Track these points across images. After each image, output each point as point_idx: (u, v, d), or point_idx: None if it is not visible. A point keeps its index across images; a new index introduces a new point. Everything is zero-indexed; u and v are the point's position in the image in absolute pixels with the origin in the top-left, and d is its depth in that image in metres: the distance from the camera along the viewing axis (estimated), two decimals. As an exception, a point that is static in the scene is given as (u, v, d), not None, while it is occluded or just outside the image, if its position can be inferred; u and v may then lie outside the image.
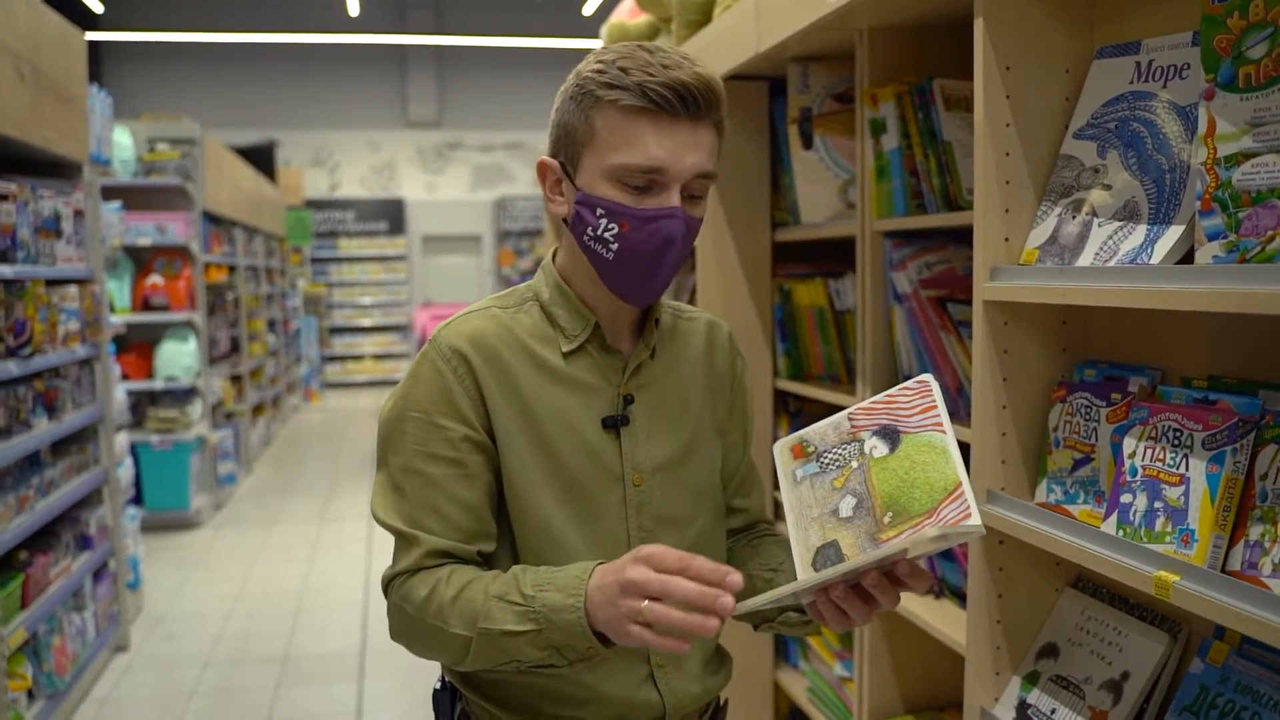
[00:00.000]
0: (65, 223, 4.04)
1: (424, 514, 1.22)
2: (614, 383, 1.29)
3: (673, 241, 1.17)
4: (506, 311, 1.30)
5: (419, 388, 1.24)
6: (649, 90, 1.14)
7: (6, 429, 3.44)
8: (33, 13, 3.72)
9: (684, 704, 1.31)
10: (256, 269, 9.18)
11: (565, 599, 1.10)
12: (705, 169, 1.18)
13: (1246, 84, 1.04)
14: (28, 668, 3.49)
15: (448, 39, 13.33)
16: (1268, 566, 1.04)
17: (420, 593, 1.19)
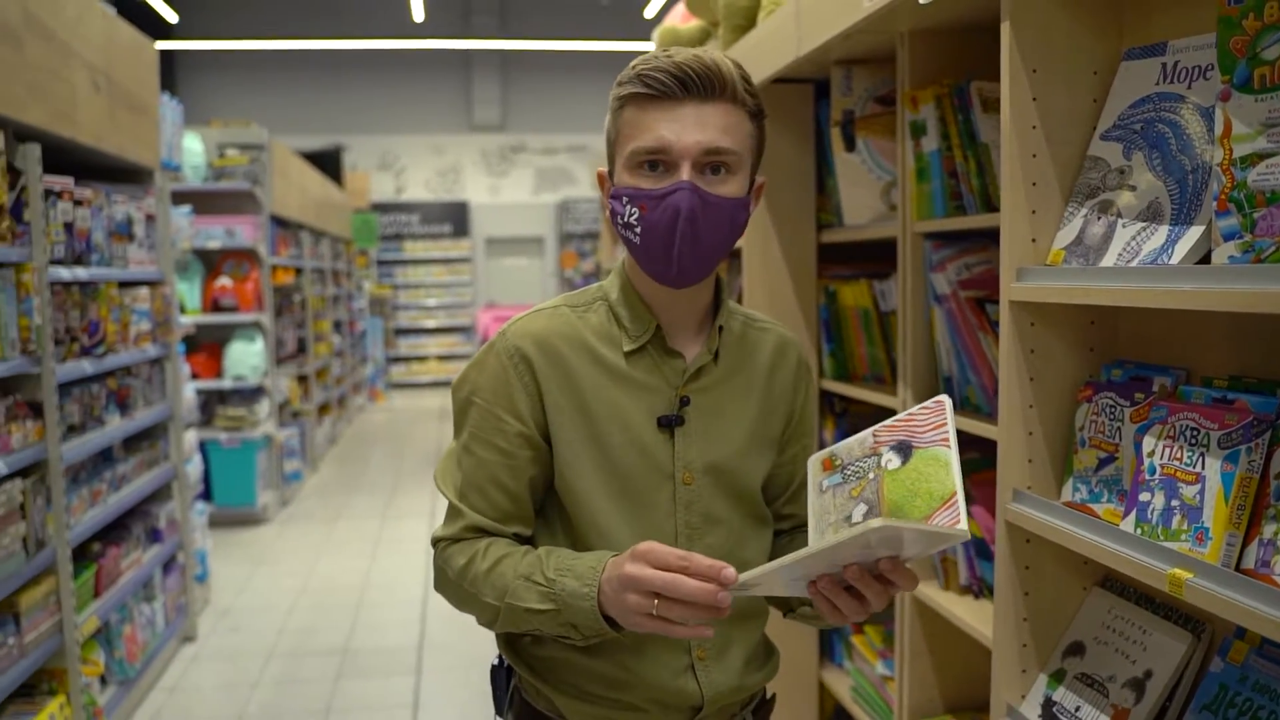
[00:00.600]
0: (137, 227, 4.20)
1: (471, 491, 1.33)
2: (673, 384, 1.33)
3: (680, 212, 1.21)
4: (575, 310, 1.36)
5: (485, 377, 1.33)
6: (648, 78, 1.22)
7: (81, 425, 3.59)
8: (107, 26, 3.88)
9: (722, 696, 1.35)
10: (323, 271, 9.40)
11: (581, 587, 1.20)
12: (716, 144, 1.21)
13: (1261, 85, 1.05)
14: (100, 655, 3.64)
15: (512, 43, 13.49)
16: (1279, 565, 1.05)
17: (459, 561, 1.31)
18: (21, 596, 3.00)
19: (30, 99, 3.13)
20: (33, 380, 3.14)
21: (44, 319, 3.14)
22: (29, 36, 3.14)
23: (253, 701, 3.99)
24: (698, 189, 1.21)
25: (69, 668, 3.23)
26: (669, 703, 1.33)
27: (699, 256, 1.25)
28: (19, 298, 3.07)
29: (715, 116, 1.22)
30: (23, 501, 2.99)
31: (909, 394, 2.08)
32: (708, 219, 1.23)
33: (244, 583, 5.47)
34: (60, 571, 3.21)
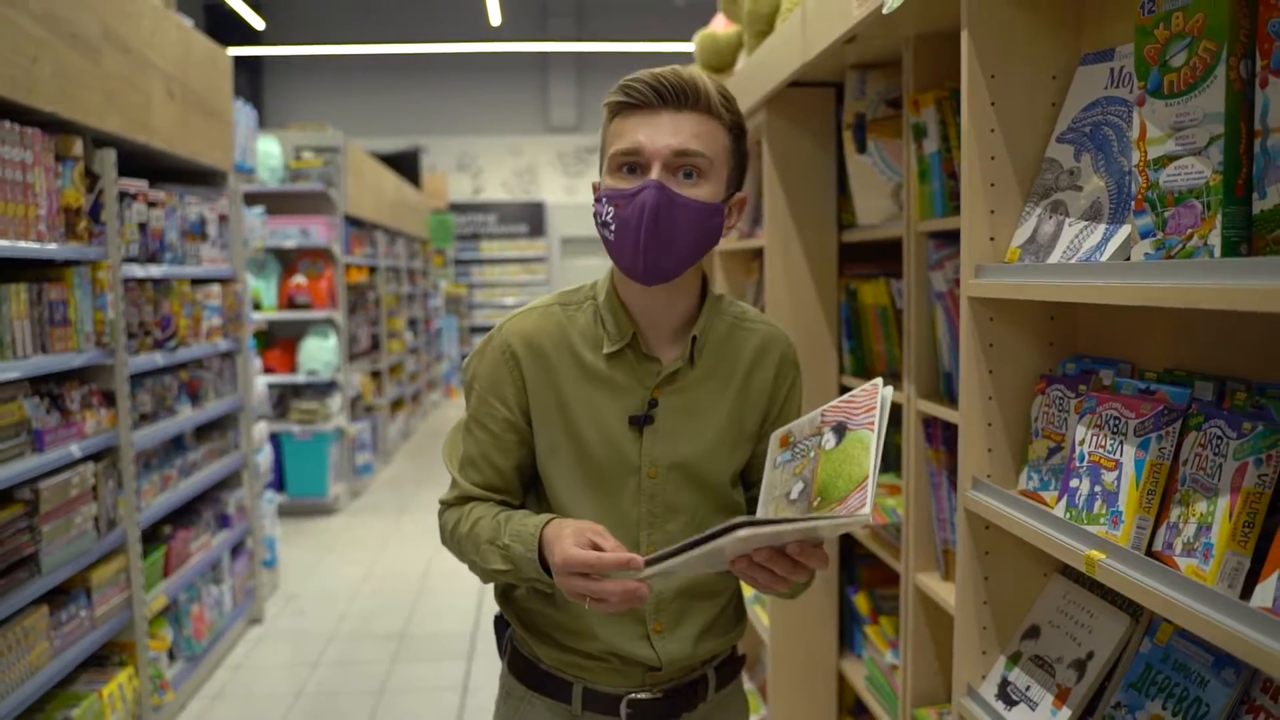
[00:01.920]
0: (210, 227, 4.44)
1: (468, 465, 1.49)
2: (647, 386, 1.44)
3: (646, 207, 1.30)
4: (566, 309, 1.48)
5: (483, 366, 1.48)
6: (628, 88, 1.34)
7: (153, 414, 3.82)
8: (182, 36, 4.11)
9: (677, 661, 1.48)
10: (398, 270, 9.67)
11: (525, 551, 1.35)
12: (686, 147, 1.31)
13: (1170, 90, 1.10)
14: (168, 631, 3.87)
15: (587, 45, 13.67)
16: (1179, 546, 1.09)
17: (450, 522, 1.50)
18: (93, 573, 3.22)
19: (108, 107, 3.35)
20: (106, 371, 3.37)
21: (117, 313, 3.36)
22: (107, 49, 3.36)
23: (311, 680, 4.19)
24: (664, 187, 1.31)
25: (137, 642, 3.45)
26: (628, 658, 1.47)
27: (665, 253, 1.33)
28: (94, 293, 3.29)
29: (688, 124, 1.32)
30: (94, 484, 3.21)
31: (913, 389, 2.13)
32: (674, 217, 1.32)
33: (311, 569, 5.70)
34: (130, 551, 3.43)
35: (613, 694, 1.47)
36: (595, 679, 1.48)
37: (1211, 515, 1.05)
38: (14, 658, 2.75)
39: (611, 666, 1.48)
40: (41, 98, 2.92)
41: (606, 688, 1.48)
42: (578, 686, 1.48)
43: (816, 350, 2.68)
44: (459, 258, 14.64)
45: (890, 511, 2.28)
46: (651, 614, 1.46)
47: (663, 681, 1.49)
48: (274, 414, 6.84)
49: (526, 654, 1.54)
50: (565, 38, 13.98)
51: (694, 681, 1.52)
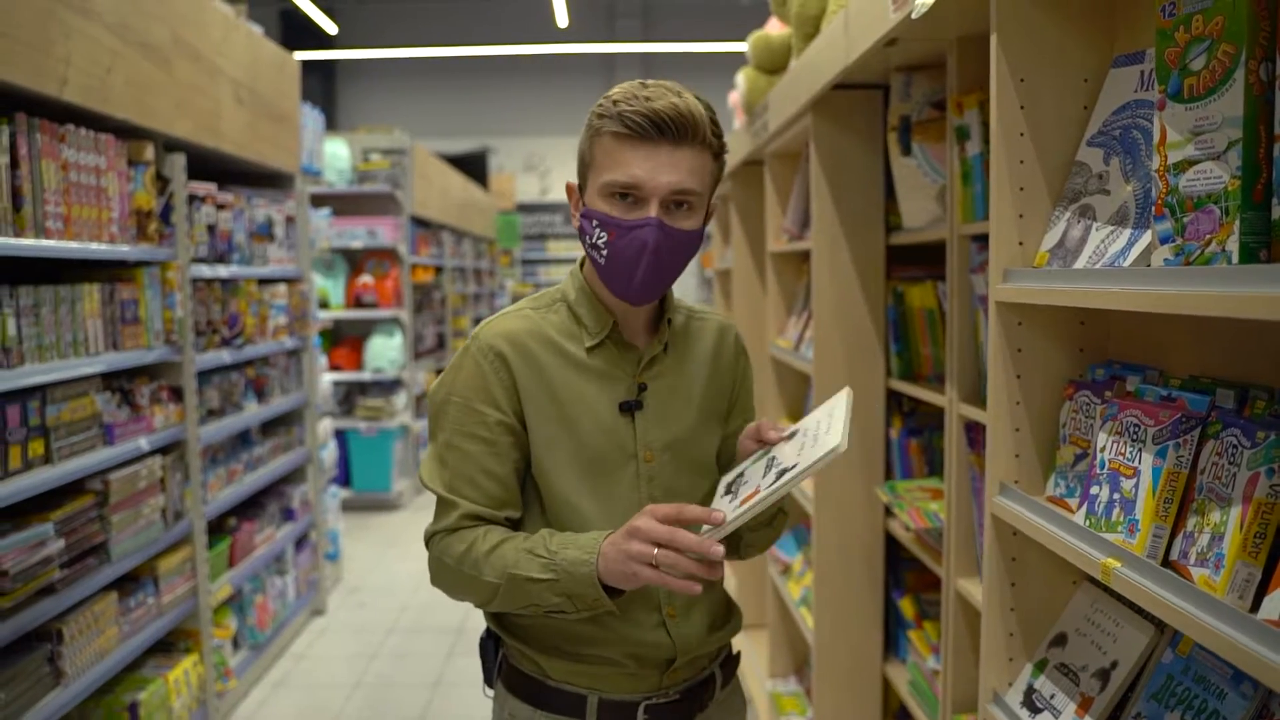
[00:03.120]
0: (277, 228, 4.56)
1: (461, 483, 1.44)
2: (630, 373, 1.48)
3: (646, 246, 1.34)
4: (538, 312, 1.51)
5: (461, 378, 1.47)
6: (627, 119, 1.34)
7: (220, 410, 3.94)
8: (251, 44, 4.24)
9: (691, 648, 1.49)
10: (464, 270, 9.81)
11: (582, 555, 1.32)
12: (683, 186, 1.36)
13: (1190, 94, 1.08)
14: (233, 620, 3.99)
15: (654, 46, 13.71)
16: (1194, 556, 1.08)
17: (458, 548, 1.42)
18: (160, 562, 3.34)
19: (178, 114, 3.48)
20: (174, 367, 3.49)
21: (185, 312, 3.48)
22: (177, 57, 3.48)
23: (370, 671, 4.29)
24: (664, 225, 1.35)
25: (202, 629, 3.57)
26: (644, 655, 1.47)
27: (659, 282, 1.41)
28: (164, 293, 3.41)
29: (685, 160, 1.35)
30: (162, 476, 3.33)
31: (955, 393, 2.12)
32: (670, 250, 1.38)
33: (374, 563, 5.83)
34: (196, 542, 3.55)
35: (629, 701, 1.46)
36: (611, 688, 1.46)
37: (1224, 525, 1.03)
38: (84, 641, 2.87)
39: (627, 671, 1.47)
40: (115, 105, 3.04)
41: (622, 695, 1.46)
42: (592, 698, 1.45)
43: (863, 354, 2.67)
44: (525, 258, 14.79)
45: (932, 516, 2.27)
46: (665, 599, 1.47)
47: (678, 682, 1.50)
48: (340, 411, 7.00)
49: (529, 671, 1.49)
50: (632, 38, 14.03)
51: (703, 680, 1.54)
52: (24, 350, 2.64)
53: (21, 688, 2.59)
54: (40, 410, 2.73)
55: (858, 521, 2.71)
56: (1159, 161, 1.13)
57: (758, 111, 3.44)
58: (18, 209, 2.63)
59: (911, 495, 2.36)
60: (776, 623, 3.55)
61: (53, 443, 2.76)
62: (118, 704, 3.16)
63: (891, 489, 2.42)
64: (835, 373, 2.66)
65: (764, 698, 3.54)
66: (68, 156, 2.83)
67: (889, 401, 2.71)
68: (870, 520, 2.71)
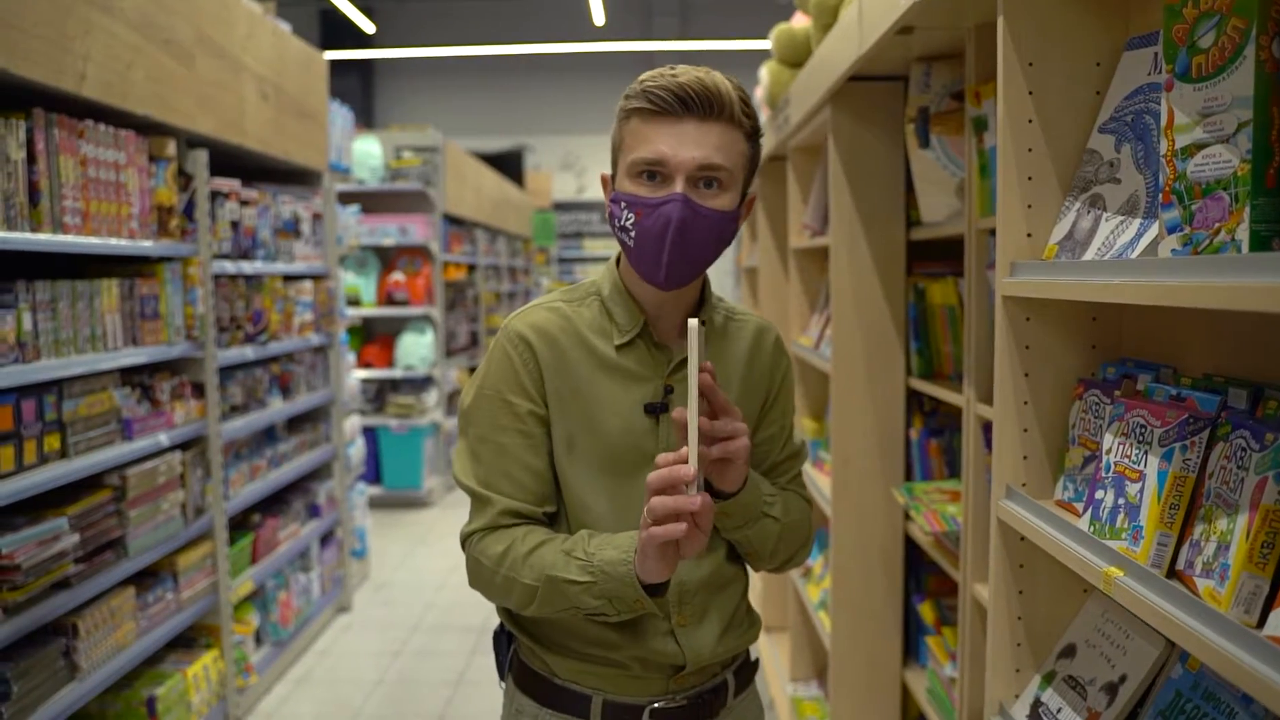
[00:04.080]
0: (304, 225, 4.57)
1: (498, 478, 1.41)
2: (659, 374, 1.43)
3: (672, 221, 1.30)
4: (570, 305, 1.47)
5: (492, 370, 1.44)
6: (652, 95, 1.31)
7: (244, 406, 3.95)
8: (277, 40, 4.24)
9: (701, 658, 1.44)
10: (498, 268, 9.82)
11: (619, 555, 1.29)
12: (710, 160, 1.30)
13: (1199, 74, 1.01)
14: (255, 616, 4.00)
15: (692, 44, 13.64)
16: (1199, 566, 1.00)
17: (497, 549, 1.38)
18: (180, 557, 3.34)
19: (200, 110, 3.48)
20: (196, 363, 3.50)
21: (207, 308, 3.48)
22: (200, 54, 3.49)
23: (392, 669, 4.28)
24: (689, 201, 1.30)
25: (222, 625, 3.57)
26: (652, 661, 1.43)
27: (686, 262, 1.34)
28: (185, 289, 3.42)
29: (712, 135, 1.31)
30: (182, 472, 3.34)
31: (973, 393, 2.05)
32: (697, 229, 1.32)
33: (402, 560, 5.83)
34: (217, 537, 3.55)
35: (634, 704, 1.43)
36: (616, 689, 1.44)
37: (1231, 533, 0.96)
38: (101, 635, 2.88)
39: (632, 674, 1.44)
40: (135, 101, 3.04)
41: (628, 698, 1.43)
42: (597, 698, 1.43)
43: (883, 352, 2.60)
44: (562, 256, 14.79)
45: (950, 519, 2.20)
46: (675, 607, 1.43)
47: (685, 687, 1.46)
48: (372, 408, 7.02)
49: (538, 668, 1.48)
50: (669, 36, 13.97)
51: (714, 687, 1.49)
52: (40, 345, 2.65)
53: (36, 680, 2.60)
54: (57, 405, 2.73)
55: (876, 524, 2.64)
56: (1166, 146, 1.06)
57: (780, 105, 3.38)
58: (35, 204, 2.63)
59: (929, 497, 2.29)
60: (798, 626, 3.49)
61: (69, 438, 2.77)
62: (136, 698, 3.17)
63: (909, 491, 2.36)
64: (854, 372, 2.59)
65: (785, 701, 3.48)
66: (86, 152, 2.83)
67: (909, 401, 2.64)
68: (890, 522, 2.64)
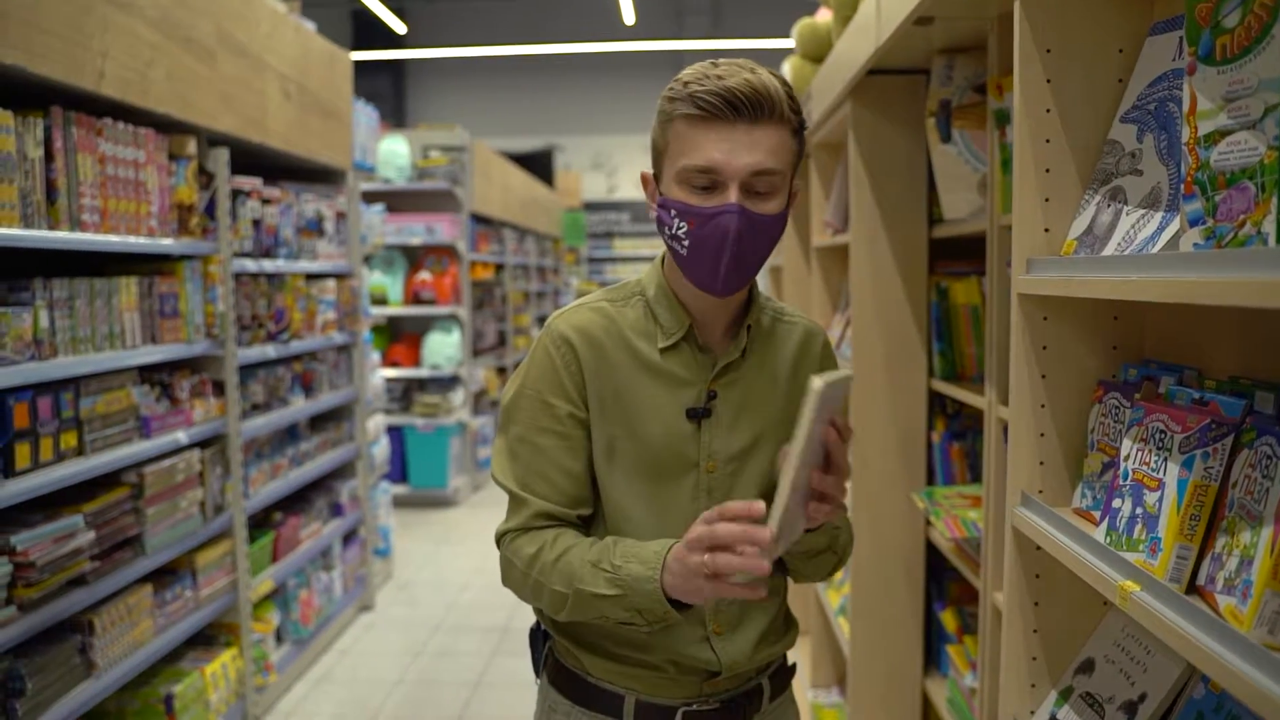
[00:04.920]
0: (327, 223, 4.56)
1: (534, 479, 1.39)
2: (703, 378, 1.40)
3: (729, 234, 1.27)
4: (614, 305, 1.45)
5: (534, 370, 1.42)
6: (699, 100, 1.26)
7: (265, 404, 3.94)
8: (300, 39, 4.24)
9: (736, 664, 1.42)
10: (527, 267, 9.80)
11: (645, 570, 1.26)
12: (763, 166, 1.26)
13: (1223, 56, 0.95)
14: (275, 615, 3.99)
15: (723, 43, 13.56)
16: (1221, 581, 0.94)
17: (528, 550, 1.36)
18: (198, 555, 3.34)
19: (222, 108, 3.48)
20: (216, 361, 3.49)
21: (227, 306, 3.48)
22: (222, 52, 3.48)
23: (413, 669, 4.26)
24: (746, 210, 1.27)
25: (242, 624, 3.57)
26: (685, 665, 1.41)
27: (743, 271, 1.32)
28: (205, 287, 3.42)
29: (764, 138, 1.26)
30: (201, 470, 3.33)
31: (994, 394, 1.98)
32: (753, 237, 1.29)
33: (427, 560, 5.82)
34: (236, 536, 3.55)
35: (667, 705, 1.42)
36: (649, 690, 1.42)
37: (1254, 548, 0.90)
38: (117, 633, 2.87)
39: (667, 676, 1.42)
40: (155, 100, 3.03)
41: (661, 699, 1.42)
42: (630, 699, 1.42)
43: (904, 353, 2.53)
44: (592, 255, 14.76)
45: (970, 525, 2.13)
46: (711, 615, 1.41)
47: (719, 691, 1.44)
48: (398, 407, 7.02)
49: (572, 666, 1.47)
50: (700, 35, 13.90)
51: (749, 691, 1.47)
52: (57, 343, 2.65)
53: (52, 677, 2.60)
54: (74, 402, 2.73)
55: (897, 529, 2.57)
56: (1188, 134, 1.00)
57: (803, 101, 3.32)
58: (52, 202, 2.63)
59: (950, 503, 2.23)
60: (819, 631, 3.42)
61: (86, 435, 2.77)
62: (154, 695, 3.16)
63: (929, 495, 2.29)
64: (874, 373, 2.53)
65: (806, 707, 3.42)
66: (105, 150, 2.83)
67: (931, 403, 2.57)
68: (911, 527, 2.57)
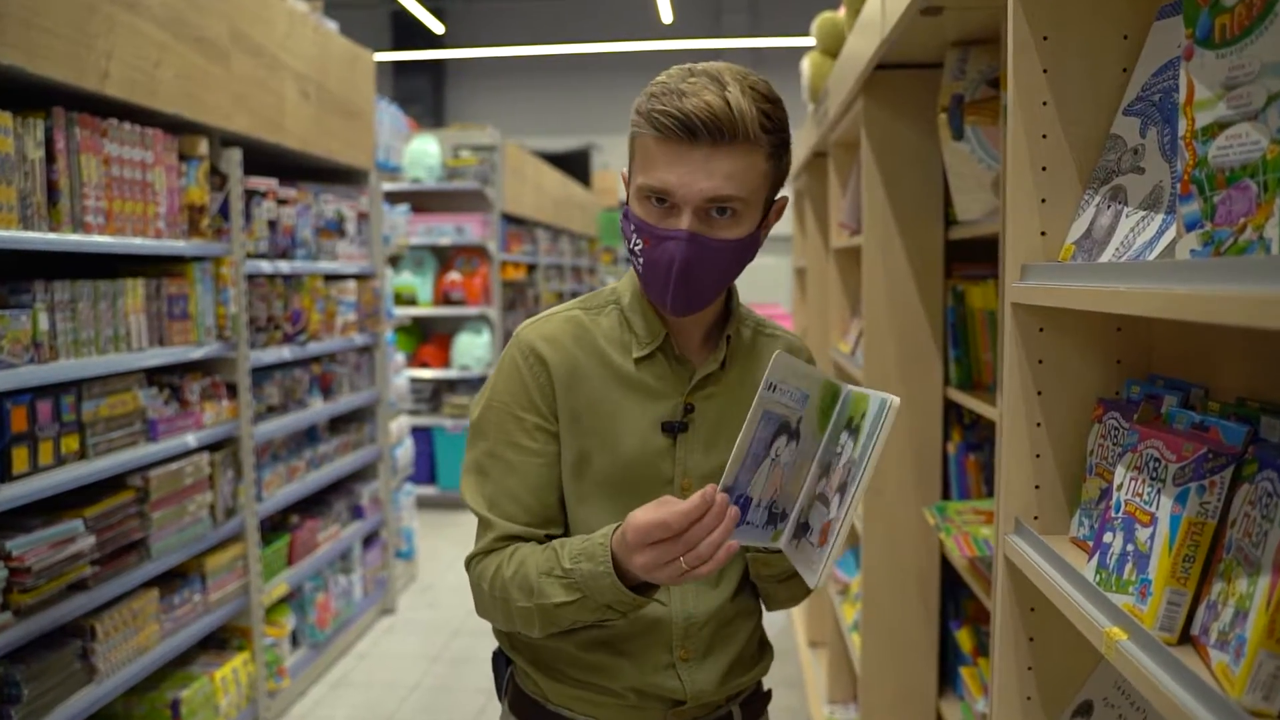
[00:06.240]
0: (348, 224, 4.52)
1: (502, 498, 1.33)
2: (679, 390, 1.34)
3: (675, 260, 1.21)
4: (588, 314, 1.39)
5: (502, 382, 1.35)
6: (656, 121, 1.20)
7: (282, 406, 3.91)
8: (319, 39, 4.20)
9: (704, 694, 1.36)
10: (561, 267, 9.75)
11: (596, 567, 1.19)
12: (720, 193, 1.20)
13: (1223, 38, 0.84)
14: (290, 618, 3.95)
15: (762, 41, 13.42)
16: (1214, 634, 0.83)
17: (487, 570, 1.31)
18: (208, 559, 3.31)
19: (236, 109, 3.44)
20: (228, 363, 3.46)
21: (239, 308, 3.44)
22: (236, 52, 3.45)
23: (430, 674, 4.21)
24: (696, 238, 1.21)
25: (253, 628, 3.53)
26: (649, 693, 1.34)
27: (693, 295, 1.27)
28: (217, 288, 3.38)
29: (724, 164, 1.20)
30: (211, 473, 3.30)
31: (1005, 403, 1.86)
32: (704, 264, 1.24)
33: (450, 563, 5.77)
34: (248, 539, 3.51)
35: None
36: (609, 718, 1.36)
37: (1250, 599, 0.79)
38: (120, 638, 2.84)
39: (629, 704, 1.35)
40: (163, 100, 3.00)
41: None
42: None
43: (919, 359, 2.42)
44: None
45: (982, 544, 2.02)
46: (679, 641, 1.34)
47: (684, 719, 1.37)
48: (427, 408, 6.99)
49: (531, 692, 1.41)
50: (739, 34, 13.76)
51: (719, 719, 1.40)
52: (58, 345, 2.62)
53: (50, 683, 2.57)
54: (75, 406, 2.70)
55: (911, 544, 2.46)
56: (1185, 127, 0.89)
57: (821, 98, 3.21)
58: (54, 203, 2.60)
59: (962, 519, 2.11)
60: (836, 645, 3.31)
61: (88, 438, 2.74)
62: (160, 700, 3.14)
63: (941, 511, 2.18)
64: (887, 380, 2.42)
65: (824, 725, 3.31)
66: (110, 151, 2.80)
67: (947, 413, 2.45)
68: (925, 543, 2.46)
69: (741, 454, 1.09)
